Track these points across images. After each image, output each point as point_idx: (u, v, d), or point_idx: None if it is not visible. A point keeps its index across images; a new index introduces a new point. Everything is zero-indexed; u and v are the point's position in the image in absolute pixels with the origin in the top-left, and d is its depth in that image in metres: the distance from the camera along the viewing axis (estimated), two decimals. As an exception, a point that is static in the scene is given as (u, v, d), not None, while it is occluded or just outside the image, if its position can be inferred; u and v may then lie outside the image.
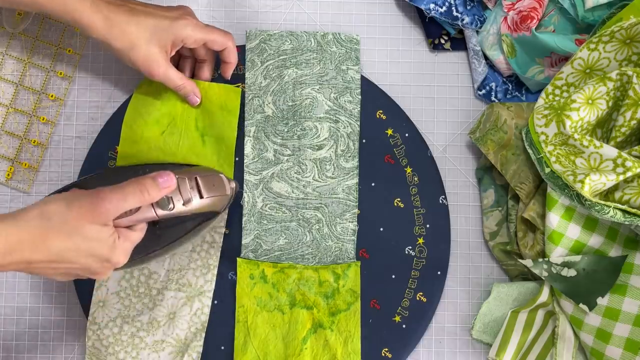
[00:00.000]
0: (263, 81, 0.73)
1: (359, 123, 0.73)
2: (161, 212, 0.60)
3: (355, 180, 0.72)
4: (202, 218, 0.64)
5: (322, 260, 0.72)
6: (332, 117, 0.72)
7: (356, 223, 0.72)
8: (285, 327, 0.71)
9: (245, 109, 0.73)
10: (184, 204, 0.61)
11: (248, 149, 0.73)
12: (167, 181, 0.58)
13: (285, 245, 0.72)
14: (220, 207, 0.65)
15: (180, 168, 0.67)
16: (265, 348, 0.71)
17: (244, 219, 0.72)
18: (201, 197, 0.63)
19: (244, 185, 0.72)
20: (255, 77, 0.73)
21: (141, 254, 0.62)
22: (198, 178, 0.63)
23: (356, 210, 0.72)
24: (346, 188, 0.72)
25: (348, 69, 0.73)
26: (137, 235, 0.59)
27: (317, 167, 0.72)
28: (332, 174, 0.72)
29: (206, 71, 0.71)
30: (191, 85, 0.69)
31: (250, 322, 0.71)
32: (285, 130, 0.72)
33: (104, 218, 0.55)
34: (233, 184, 0.67)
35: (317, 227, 0.72)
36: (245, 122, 0.73)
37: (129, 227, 0.59)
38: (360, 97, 0.73)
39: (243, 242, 0.72)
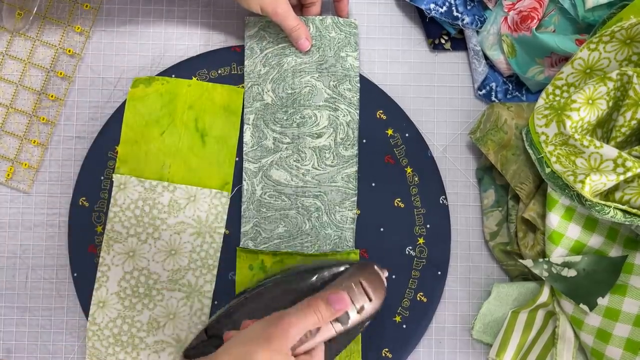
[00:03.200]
0: (262, 69, 0.73)
1: (358, 111, 0.73)
2: (339, 328, 0.57)
3: (355, 168, 0.72)
4: (373, 315, 0.62)
5: (321, 248, 0.72)
6: (331, 105, 0.72)
7: (355, 211, 0.72)
8: None
9: (245, 96, 0.73)
10: (358, 312, 0.59)
11: (247, 136, 0.72)
12: (341, 303, 0.56)
13: (285, 233, 0.72)
14: (383, 299, 0.62)
15: (326, 270, 0.64)
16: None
17: (242, 206, 0.72)
18: (370, 300, 0.60)
19: (244, 173, 0.72)
20: (255, 65, 0.73)
21: None
22: (362, 282, 0.61)
23: (355, 199, 0.72)
24: (345, 176, 0.72)
25: (347, 56, 0.73)
26: (319, 353, 0.57)
27: (316, 155, 0.72)
28: (332, 162, 0.72)
29: (315, 10, 0.73)
30: (304, 29, 0.71)
31: None
32: (285, 118, 0.72)
33: (283, 348, 0.53)
34: (385, 272, 0.65)
35: (317, 215, 0.72)
36: (245, 110, 0.73)
37: (307, 352, 0.56)
38: (359, 85, 0.73)
39: (242, 229, 0.72)
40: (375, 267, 0.64)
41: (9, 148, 0.74)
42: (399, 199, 0.73)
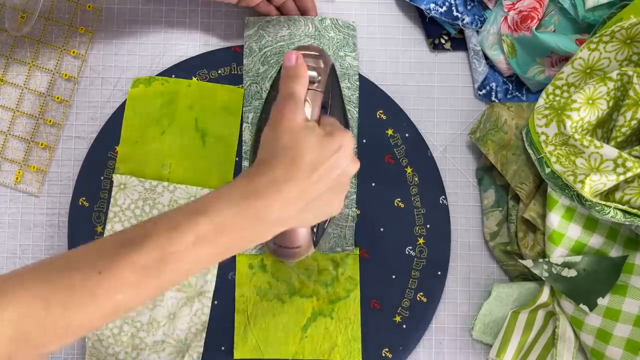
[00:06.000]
0: (261, 67, 0.73)
1: (357, 110, 0.72)
2: (319, 85, 0.60)
3: None
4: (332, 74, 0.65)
5: (321, 246, 0.71)
6: None
7: (355, 209, 0.72)
8: (285, 316, 0.71)
9: (244, 95, 0.73)
10: (321, 66, 0.61)
11: (246, 135, 0.72)
12: (289, 57, 0.57)
13: None
14: (329, 57, 0.65)
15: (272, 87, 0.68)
16: (266, 337, 0.71)
17: None
18: (317, 56, 0.62)
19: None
20: (254, 63, 0.73)
21: None
22: (299, 51, 0.62)
23: (355, 197, 0.72)
24: None
25: (346, 55, 0.73)
26: (330, 118, 0.60)
27: None
28: None
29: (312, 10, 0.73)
30: None
31: (250, 312, 0.71)
32: None
33: (299, 113, 0.54)
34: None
35: None
36: (244, 109, 0.73)
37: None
38: (358, 83, 0.73)
39: None
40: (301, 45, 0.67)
41: (16, 151, 0.74)
42: (399, 199, 0.73)
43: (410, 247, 0.72)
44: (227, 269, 0.72)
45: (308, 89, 0.59)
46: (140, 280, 0.45)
